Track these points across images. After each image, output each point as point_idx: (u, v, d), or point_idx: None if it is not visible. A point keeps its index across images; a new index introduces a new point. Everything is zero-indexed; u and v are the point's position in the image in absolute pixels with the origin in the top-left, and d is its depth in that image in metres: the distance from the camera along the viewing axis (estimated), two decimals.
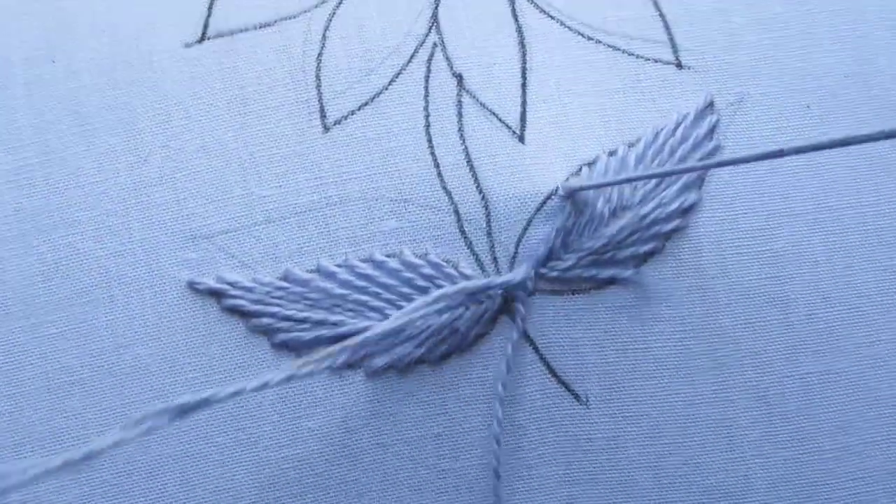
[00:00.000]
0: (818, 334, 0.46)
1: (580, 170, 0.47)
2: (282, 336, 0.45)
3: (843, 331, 0.46)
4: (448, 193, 0.46)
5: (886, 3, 0.49)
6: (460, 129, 0.47)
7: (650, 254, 0.46)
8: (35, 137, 0.47)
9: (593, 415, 0.45)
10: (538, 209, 0.46)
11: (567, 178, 0.46)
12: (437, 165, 0.46)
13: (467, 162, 0.46)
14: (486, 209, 0.46)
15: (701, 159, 0.47)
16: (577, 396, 0.45)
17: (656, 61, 0.48)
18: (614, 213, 0.46)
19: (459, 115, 0.47)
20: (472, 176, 0.46)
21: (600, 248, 0.46)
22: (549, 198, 0.46)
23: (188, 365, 0.45)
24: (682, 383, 0.46)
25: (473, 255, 0.46)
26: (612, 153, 0.47)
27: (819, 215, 0.47)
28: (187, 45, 0.48)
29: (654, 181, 0.46)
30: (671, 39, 0.48)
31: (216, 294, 0.45)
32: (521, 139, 0.47)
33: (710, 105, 0.47)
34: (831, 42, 0.48)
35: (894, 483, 0.46)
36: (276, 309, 0.45)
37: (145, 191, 0.46)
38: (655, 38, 0.48)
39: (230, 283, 0.45)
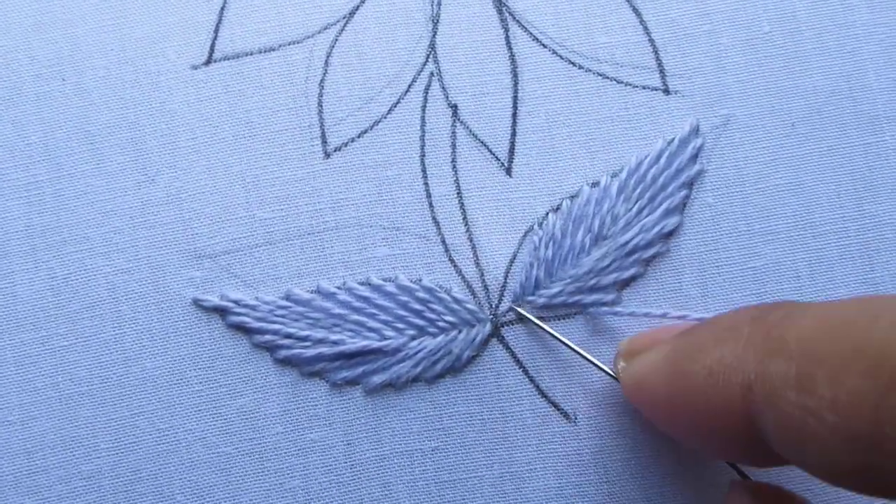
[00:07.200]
0: None
1: (561, 203, 0.47)
2: (284, 352, 0.46)
3: None
4: (437, 224, 0.47)
5: (876, 17, 0.48)
6: (453, 161, 0.47)
7: (632, 278, 0.47)
8: (45, 154, 0.47)
9: (581, 431, 0.46)
10: (521, 242, 0.47)
11: (546, 214, 0.47)
12: (428, 196, 0.47)
13: (457, 194, 0.47)
14: (471, 241, 0.47)
15: (684, 184, 0.47)
16: (565, 414, 0.46)
17: (644, 88, 0.48)
18: (595, 243, 0.47)
19: (453, 146, 0.47)
20: (461, 208, 0.47)
21: (583, 276, 0.47)
22: (529, 232, 0.47)
23: (194, 378, 0.46)
24: None
25: (465, 282, 0.47)
26: (594, 184, 0.47)
27: (801, 232, 0.47)
28: (194, 67, 0.48)
29: (635, 208, 0.47)
30: (659, 64, 0.48)
31: (221, 311, 0.46)
32: (509, 172, 0.47)
33: (695, 130, 0.47)
34: (819, 59, 0.48)
35: None
36: (278, 326, 0.46)
37: (152, 209, 0.47)
38: (644, 64, 0.48)
39: (234, 301, 0.46)
